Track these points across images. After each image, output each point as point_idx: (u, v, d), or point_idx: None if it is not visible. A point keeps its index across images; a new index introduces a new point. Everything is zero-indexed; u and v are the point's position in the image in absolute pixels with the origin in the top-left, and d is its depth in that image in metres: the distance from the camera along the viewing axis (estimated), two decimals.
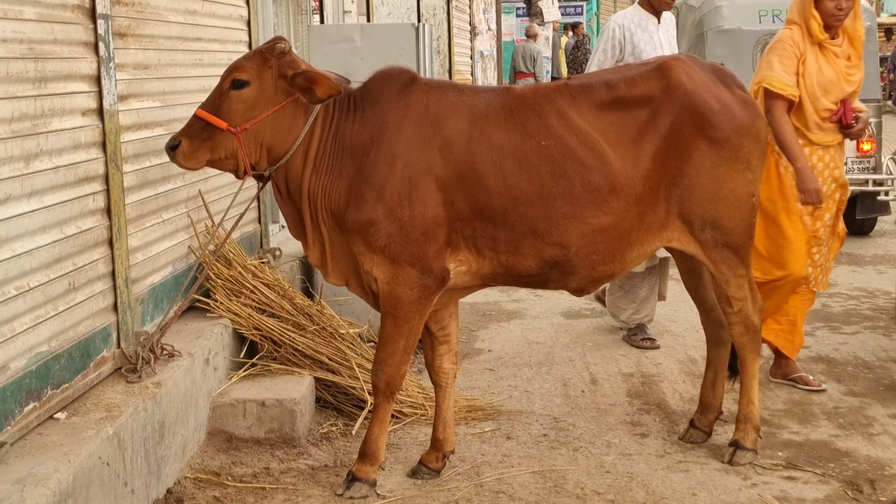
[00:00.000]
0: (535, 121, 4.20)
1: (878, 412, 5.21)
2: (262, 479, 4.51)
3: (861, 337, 6.58)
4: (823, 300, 7.51)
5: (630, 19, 6.41)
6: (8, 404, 3.56)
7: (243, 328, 5.19)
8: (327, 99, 4.11)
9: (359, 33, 6.61)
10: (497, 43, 17.88)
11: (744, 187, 4.41)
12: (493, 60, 17.34)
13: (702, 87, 4.34)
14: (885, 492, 4.28)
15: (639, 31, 6.32)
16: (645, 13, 6.42)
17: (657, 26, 6.38)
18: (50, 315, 3.85)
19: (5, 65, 3.53)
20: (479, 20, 15.95)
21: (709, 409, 4.87)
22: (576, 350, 6.43)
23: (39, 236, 3.76)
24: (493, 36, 17.36)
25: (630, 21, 6.40)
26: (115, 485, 3.76)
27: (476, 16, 15.81)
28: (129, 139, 4.54)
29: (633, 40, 6.29)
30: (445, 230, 4.15)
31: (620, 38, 6.33)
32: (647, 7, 6.42)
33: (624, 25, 6.35)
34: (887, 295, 7.64)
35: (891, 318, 6.98)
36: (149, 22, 4.80)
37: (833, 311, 7.22)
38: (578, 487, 4.38)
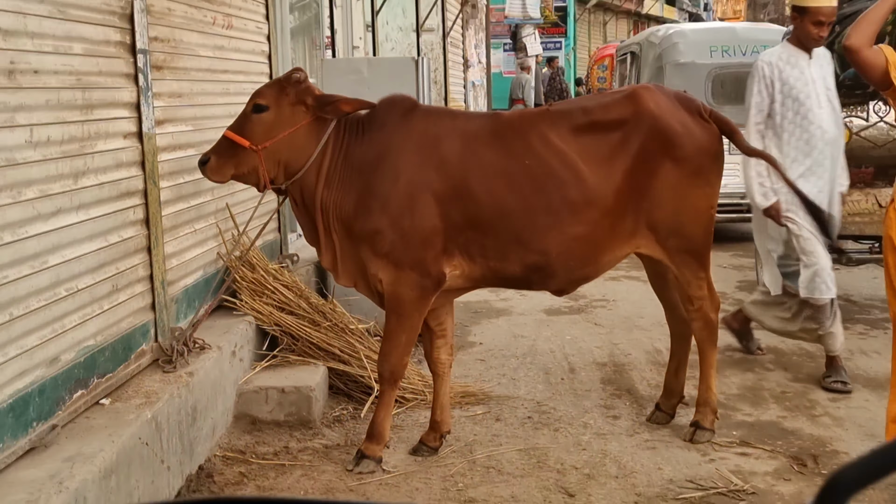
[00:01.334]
0: (520, 142, 4.20)
1: (820, 396, 5.20)
2: (282, 456, 4.50)
3: None
4: None
5: (778, 56, 5.44)
6: (59, 391, 3.56)
7: (265, 324, 5.19)
8: (354, 111, 4.19)
9: (366, 66, 6.61)
10: (487, 74, 17.90)
11: (703, 201, 4.41)
12: (483, 89, 17.35)
13: (667, 113, 4.34)
14: (826, 466, 4.28)
15: (787, 68, 5.36)
16: (794, 49, 5.44)
17: (808, 62, 5.39)
18: (96, 313, 3.84)
19: (56, 93, 3.53)
20: (470, 54, 15.96)
21: (672, 394, 4.87)
22: (556, 343, 6.41)
23: (86, 244, 3.76)
24: (483, 68, 17.38)
25: (778, 58, 5.42)
26: (153, 462, 3.75)
27: (468, 50, 15.82)
28: (165, 159, 4.53)
29: (783, 77, 5.34)
30: (442, 238, 4.14)
31: (770, 76, 5.36)
32: (795, 43, 5.45)
33: (772, 63, 5.40)
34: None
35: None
36: (182, 56, 4.80)
37: None
38: (559, 463, 4.37)
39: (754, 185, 5.29)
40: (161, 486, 3.85)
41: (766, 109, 5.34)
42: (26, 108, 3.33)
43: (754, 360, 5.87)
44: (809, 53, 5.38)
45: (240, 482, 4.23)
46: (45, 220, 3.45)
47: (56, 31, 3.53)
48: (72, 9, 3.66)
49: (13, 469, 3.19)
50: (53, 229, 3.50)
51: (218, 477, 4.25)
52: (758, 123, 5.35)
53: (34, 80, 3.38)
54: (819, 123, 5.27)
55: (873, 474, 0.64)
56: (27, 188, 3.34)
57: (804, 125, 5.28)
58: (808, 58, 5.39)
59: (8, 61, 3.22)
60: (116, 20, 4.03)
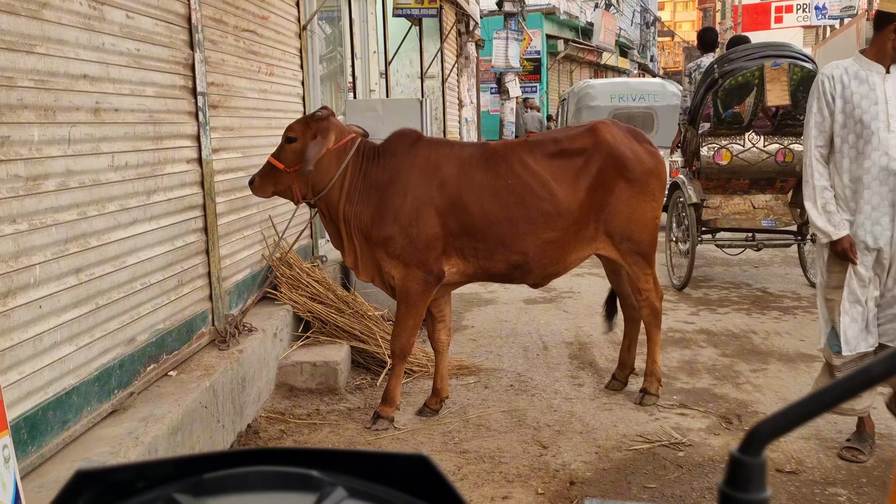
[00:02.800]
0: (504, 166, 4.20)
1: (743, 368, 5.20)
2: (314, 417, 4.49)
3: (730, 316, 6.57)
4: (704, 290, 7.52)
5: (844, 70, 3.72)
6: (136, 365, 3.56)
7: (300, 311, 5.19)
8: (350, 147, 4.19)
9: (381, 105, 6.62)
10: (477, 112, 17.90)
11: (650, 213, 4.41)
12: (474, 124, 17.34)
13: (621, 143, 4.34)
14: (747, 423, 4.27)
15: (854, 83, 3.67)
16: (867, 62, 3.69)
17: (884, 77, 3.65)
18: (164, 303, 3.85)
19: (133, 127, 3.53)
20: (464, 96, 15.96)
21: (625, 367, 4.87)
22: (532, 326, 6.41)
23: (157, 248, 3.76)
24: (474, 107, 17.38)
25: (843, 72, 3.72)
26: (210, 422, 3.75)
27: (462, 93, 15.82)
28: (220, 180, 4.54)
29: (845, 94, 3.67)
30: (441, 243, 4.14)
31: (831, 92, 3.68)
32: (871, 55, 3.70)
33: (834, 77, 3.72)
34: (749, 287, 7.64)
35: (751, 302, 6.98)
36: (233, 97, 4.80)
37: (711, 298, 7.22)
38: (535, 421, 4.36)
39: (822, 213, 3.71)
40: (217, 441, 3.85)
41: (829, 131, 3.72)
42: (109, 139, 3.33)
43: (691, 340, 5.87)
44: (888, 68, 3.68)
45: (280, 437, 4.23)
46: (124, 229, 3.45)
47: (132, 78, 3.54)
48: (145, 59, 3.66)
49: (99, 427, 3.19)
50: (130, 236, 3.50)
51: (262, 433, 4.25)
52: (819, 147, 3.74)
53: (115, 116, 3.38)
54: (885, 150, 3.60)
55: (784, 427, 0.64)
56: (109, 203, 3.34)
57: (866, 151, 3.64)
58: (885, 72, 3.68)
59: (94, 101, 3.22)
60: (181, 69, 4.04)
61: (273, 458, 0.72)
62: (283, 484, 0.69)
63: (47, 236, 2.92)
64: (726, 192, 7.49)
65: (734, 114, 7.19)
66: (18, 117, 2.76)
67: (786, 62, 6.87)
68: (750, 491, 0.65)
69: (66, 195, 3.03)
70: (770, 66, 6.85)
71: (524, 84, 24.34)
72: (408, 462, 0.72)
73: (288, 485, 0.69)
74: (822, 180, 3.73)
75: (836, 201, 3.72)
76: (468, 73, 16.20)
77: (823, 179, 3.73)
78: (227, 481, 0.69)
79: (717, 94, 7.06)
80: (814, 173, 3.74)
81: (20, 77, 2.77)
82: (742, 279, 8.03)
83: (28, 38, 2.81)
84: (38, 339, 2.87)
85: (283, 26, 5.80)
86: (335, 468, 0.71)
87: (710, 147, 7.30)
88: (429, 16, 10.49)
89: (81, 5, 3.14)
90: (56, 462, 2.89)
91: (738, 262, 8.89)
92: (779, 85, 6.82)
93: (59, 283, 2.99)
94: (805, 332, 6.01)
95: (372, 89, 9.52)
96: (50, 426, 2.93)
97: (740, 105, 7.15)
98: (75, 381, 3.09)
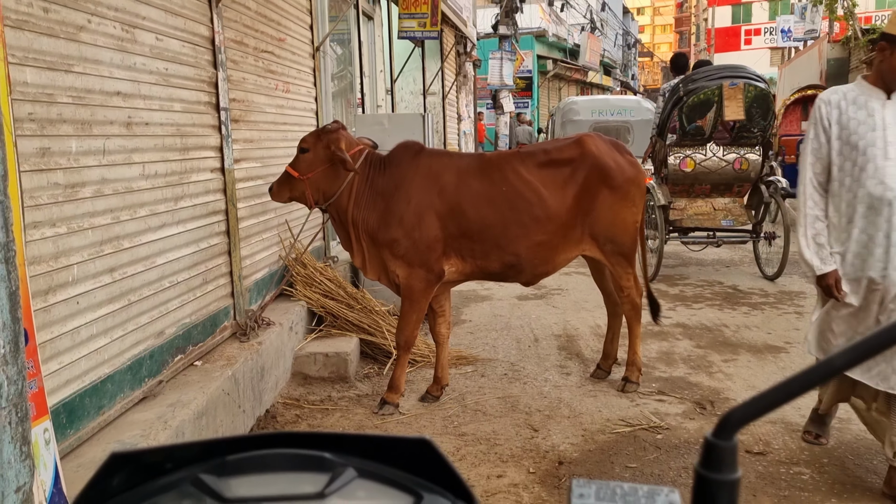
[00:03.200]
0: (498, 174, 4.20)
1: (716, 358, 5.19)
2: (326, 403, 4.49)
3: (704, 311, 6.56)
4: (680, 287, 7.52)
5: (842, 95, 3.29)
6: (164, 356, 3.56)
7: (314, 307, 5.18)
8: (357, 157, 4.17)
9: (387, 119, 6.62)
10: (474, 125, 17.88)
11: (630, 217, 4.40)
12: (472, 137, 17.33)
13: (605, 154, 4.33)
14: (720, 408, 4.27)
15: (852, 109, 3.25)
16: (867, 86, 3.27)
17: (884, 104, 3.22)
18: (191, 300, 3.84)
19: (162, 139, 3.53)
20: (462, 111, 15.96)
21: (609, 357, 4.86)
22: (524, 320, 6.40)
23: (184, 249, 3.76)
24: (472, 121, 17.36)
25: (842, 97, 3.30)
26: (232, 407, 3.74)
27: (461, 108, 15.82)
28: (241, 187, 4.53)
29: (842, 120, 3.25)
30: (442, 244, 4.14)
31: (827, 117, 3.26)
32: (873, 80, 3.26)
33: (831, 102, 3.30)
34: (721, 284, 7.64)
35: (723, 298, 6.97)
36: (253, 112, 4.80)
37: (687, 295, 7.21)
38: (527, 407, 4.36)
39: (810, 245, 3.32)
40: (238, 424, 3.84)
41: (826, 157, 3.30)
42: (140, 150, 3.33)
43: (668, 332, 5.86)
44: (889, 94, 3.24)
45: (295, 421, 4.22)
46: (153, 232, 3.45)
47: (161, 94, 3.53)
48: (173, 78, 3.66)
49: (131, 412, 3.19)
50: (159, 238, 3.50)
51: (280, 417, 4.24)
52: (816, 174, 3.33)
53: (145, 129, 3.38)
54: (881, 178, 3.17)
55: (754, 414, 0.64)
56: (140, 208, 3.34)
57: (861, 178, 3.21)
58: (885, 98, 3.24)
59: (126, 116, 3.22)
60: (205, 86, 4.03)
61: (289, 441, 0.72)
62: (299, 465, 0.70)
63: (84, 239, 2.92)
64: (690, 196, 7.85)
65: (697, 127, 7.55)
66: (58, 130, 2.76)
67: (741, 82, 7.25)
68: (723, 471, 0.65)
69: (101, 201, 3.03)
70: (728, 86, 7.25)
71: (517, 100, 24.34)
72: (412, 445, 0.72)
73: (303, 466, 0.69)
74: (815, 209, 3.32)
75: (829, 231, 3.31)
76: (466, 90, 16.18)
77: (817, 209, 3.32)
78: (248, 462, 0.70)
79: (682, 109, 7.46)
80: (807, 201, 3.33)
81: (59, 94, 2.77)
82: (715, 277, 8.02)
83: (66, 58, 2.81)
84: (76, 332, 2.87)
85: (298, 47, 5.80)
86: (346, 450, 0.72)
87: (676, 156, 7.62)
88: (430, 38, 10.49)
89: (115, 28, 3.14)
90: (92, 444, 2.89)
91: (710, 262, 8.88)
92: (735, 102, 7.22)
93: (95, 281, 2.99)
94: (772, 325, 6.00)
95: (379, 105, 9.52)
96: (87, 411, 2.93)
97: (702, 119, 7.51)
98: (109, 370, 3.09)
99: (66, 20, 2.82)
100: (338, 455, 0.70)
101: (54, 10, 2.75)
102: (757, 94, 7.23)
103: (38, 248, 2.63)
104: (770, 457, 3.65)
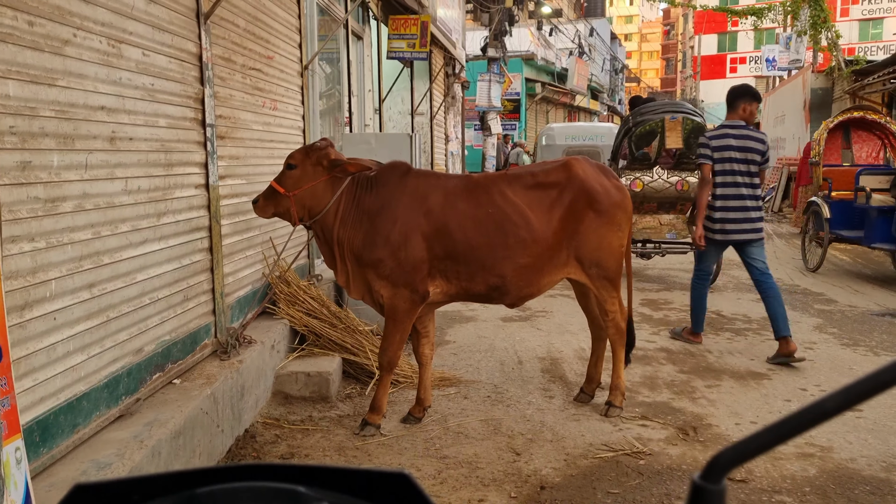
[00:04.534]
0: (485, 196, 4.19)
1: (699, 384, 5.19)
2: (307, 423, 4.43)
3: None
4: (665, 312, 7.52)
5: None
6: (142, 374, 3.50)
7: (297, 325, 5.13)
8: (357, 173, 4.14)
9: (374, 139, 6.61)
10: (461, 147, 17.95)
11: (616, 241, 4.40)
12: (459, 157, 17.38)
13: (591, 177, 4.34)
14: (703, 435, 4.25)
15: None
16: None
17: None
18: (171, 316, 3.79)
19: (146, 155, 3.50)
20: (450, 131, 16.00)
21: (592, 381, 4.83)
22: (508, 342, 6.38)
23: (166, 266, 3.71)
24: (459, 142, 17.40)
25: None
26: (210, 427, 3.69)
27: (448, 128, 15.86)
28: (225, 204, 4.50)
29: None
30: (427, 265, 4.11)
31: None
32: None
33: None
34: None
35: (706, 323, 6.97)
36: (240, 129, 4.77)
37: (671, 319, 7.22)
38: (509, 430, 4.32)
39: None
40: (216, 445, 3.78)
41: None
42: (123, 165, 3.30)
43: (652, 357, 5.86)
44: None
45: (275, 441, 4.16)
46: (135, 248, 3.41)
47: (147, 110, 3.51)
48: (159, 93, 3.63)
49: (106, 431, 3.13)
50: (141, 254, 3.46)
51: (259, 437, 4.18)
52: None
53: (129, 144, 3.35)
54: None
55: (743, 457, 0.62)
56: (122, 224, 3.30)
57: None
58: None
59: (110, 131, 3.19)
60: (192, 102, 4.01)
61: (263, 473, 0.70)
62: (272, 499, 0.67)
63: (63, 254, 2.87)
64: (640, 213, 8.95)
65: (644, 153, 8.66)
66: (40, 144, 2.72)
67: (680, 116, 8.39)
68: None
69: (81, 216, 2.99)
70: (669, 119, 8.40)
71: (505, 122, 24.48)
72: (390, 479, 0.70)
73: (276, 500, 0.67)
74: None
75: None
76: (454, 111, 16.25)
77: None
78: (218, 496, 0.67)
79: (632, 138, 8.66)
80: None
81: (42, 107, 2.74)
82: None
83: (51, 72, 2.79)
84: (52, 348, 2.81)
85: (286, 66, 5.79)
86: (321, 484, 0.69)
87: (627, 178, 8.61)
88: (419, 59, 10.53)
89: (101, 43, 3.12)
90: (66, 463, 2.83)
91: None
92: (675, 132, 8.37)
93: (73, 296, 2.94)
94: (755, 351, 6.01)
95: (367, 124, 9.52)
96: (61, 429, 2.87)
97: (649, 147, 8.62)
98: (85, 387, 3.04)
99: (52, 34, 2.79)
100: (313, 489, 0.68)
101: (39, 24, 2.72)
102: (693, 126, 8.31)
103: (16, 263, 2.58)
104: (752, 484, 3.62)
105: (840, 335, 6.54)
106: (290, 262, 5.36)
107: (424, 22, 10.16)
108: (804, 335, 6.51)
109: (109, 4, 3.19)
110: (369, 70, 9.67)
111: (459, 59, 15.72)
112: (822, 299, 8.13)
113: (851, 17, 45.44)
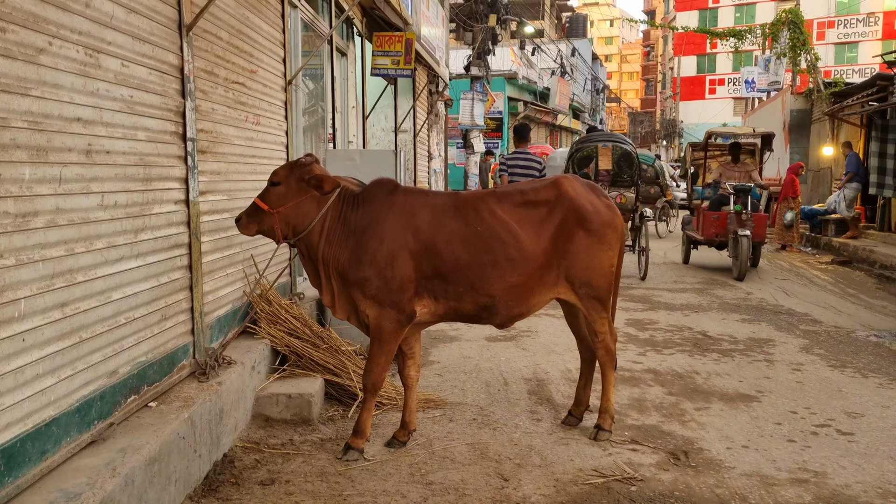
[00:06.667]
0: (474, 214, 4.09)
1: (688, 406, 5.10)
2: (288, 447, 4.28)
3: (675, 356, 6.49)
4: (651, 332, 7.45)
5: None
6: (116, 396, 3.35)
7: (278, 345, 4.99)
8: (332, 191, 4.03)
9: (358, 155, 6.51)
10: (444, 164, 17.89)
11: (606, 260, 4.31)
12: (442, 175, 17.32)
13: (581, 196, 4.26)
14: (694, 459, 4.16)
15: None
16: None
17: None
18: (148, 336, 3.65)
19: (124, 169, 3.38)
20: (433, 149, 15.96)
21: (581, 403, 4.73)
22: (494, 363, 6.26)
23: (143, 284, 3.57)
24: (442, 160, 17.37)
25: None
26: (187, 452, 3.53)
27: (432, 146, 15.82)
28: (206, 220, 4.36)
29: None
30: (414, 285, 4.00)
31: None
32: None
33: None
34: (690, 330, 7.59)
35: (693, 344, 6.91)
36: (221, 144, 4.65)
37: (657, 340, 7.14)
38: (496, 454, 4.20)
39: None
40: (193, 470, 3.63)
41: None
42: (99, 179, 3.17)
43: (639, 378, 5.77)
44: None
45: (255, 466, 4.01)
46: (110, 265, 3.27)
47: (125, 122, 3.38)
48: (138, 106, 3.51)
49: (77, 458, 2.97)
50: (117, 272, 3.31)
51: (238, 462, 4.02)
52: None
53: (106, 158, 3.22)
54: None
55: None
56: (97, 240, 3.16)
57: None
58: None
59: (86, 143, 3.06)
60: (172, 115, 3.89)
61: None
62: None
63: (34, 271, 2.73)
64: None
65: (585, 173, 10.59)
66: (10, 156, 2.59)
67: (610, 144, 10.71)
68: None
69: (54, 232, 2.85)
70: (601, 146, 10.69)
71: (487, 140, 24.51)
72: None
73: None
74: None
75: None
76: (437, 129, 16.22)
77: None
78: None
79: (574, 161, 10.90)
80: None
81: (14, 118, 2.61)
82: (684, 323, 7.98)
83: (24, 81, 2.66)
84: (20, 371, 2.67)
85: (270, 80, 5.69)
86: None
87: None
88: (403, 76, 10.48)
89: (78, 52, 3.00)
90: (33, 493, 2.67)
91: (679, 307, 8.86)
92: (606, 157, 10.62)
93: (44, 316, 2.80)
94: (743, 373, 5.94)
95: (350, 140, 9.42)
96: (28, 457, 2.71)
97: (588, 168, 10.72)
98: (55, 412, 2.88)
99: (25, 41, 2.67)
100: None
101: (12, 31, 2.60)
102: (622, 153, 10.66)
103: None
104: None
105: (827, 356, 6.49)
106: (272, 281, 5.23)
107: (409, 39, 10.11)
108: (791, 356, 6.46)
109: (87, 13, 3.07)
110: (353, 87, 9.58)
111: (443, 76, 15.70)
112: (807, 319, 8.11)
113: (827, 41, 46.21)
